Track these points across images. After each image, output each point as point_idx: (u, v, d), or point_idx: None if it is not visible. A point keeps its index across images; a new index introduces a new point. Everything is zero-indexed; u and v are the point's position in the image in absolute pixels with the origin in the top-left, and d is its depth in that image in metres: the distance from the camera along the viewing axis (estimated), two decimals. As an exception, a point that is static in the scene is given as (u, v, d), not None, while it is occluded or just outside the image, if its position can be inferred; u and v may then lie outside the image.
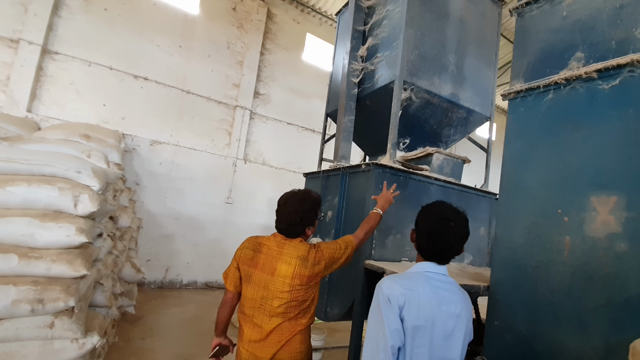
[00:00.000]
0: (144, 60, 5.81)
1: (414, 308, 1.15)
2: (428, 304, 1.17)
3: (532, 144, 2.26)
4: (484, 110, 3.45)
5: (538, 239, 2.10)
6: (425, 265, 1.29)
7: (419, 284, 1.21)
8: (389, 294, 1.16)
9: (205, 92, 6.32)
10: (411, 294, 1.16)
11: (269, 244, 1.69)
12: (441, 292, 1.22)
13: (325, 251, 1.72)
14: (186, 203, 6.04)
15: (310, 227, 1.77)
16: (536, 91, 2.27)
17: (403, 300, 1.15)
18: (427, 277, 1.24)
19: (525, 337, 2.06)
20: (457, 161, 3.18)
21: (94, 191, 2.57)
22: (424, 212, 1.34)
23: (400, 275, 1.28)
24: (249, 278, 1.64)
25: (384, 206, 2.07)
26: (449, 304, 1.22)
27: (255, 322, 1.62)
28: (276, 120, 7.10)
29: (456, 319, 1.22)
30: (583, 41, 2.10)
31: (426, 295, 1.18)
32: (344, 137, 3.31)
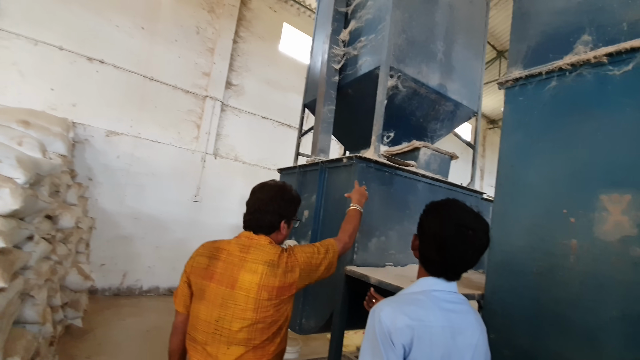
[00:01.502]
0: (100, 41, 5.20)
1: (426, 346, 0.86)
2: (442, 337, 0.89)
3: (532, 136, 2.04)
4: (472, 104, 3.25)
5: (540, 242, 1.88)
6: (432, 282, 1.00)
7: (430, 310, 0.92)
8: (390, 328, 0.86)
9: (171, 80, 5.78)
10: (421, 327, 0.87)
11: (229, 248, 1.32)
12: (454, 317, 0.94)
13: (299, 255, 1.39)
14: (148, 201, 5.48)
15: (286, 223, 1.44)
16: (537, 78, 2.06)
17: (410, 337, 0.86)
18: (436, 298, 0.96)
19: (525, 352, 1.83)
20: (444, 157, 2.94)
21: (17, 185, 2.08)
22: (433, 215, 1.04)
23: (402, 298, 0.98)
24: (202, 293, 1.26)
25: (361, 201, 1.88)
26: (465, 332, 0.95)
27: (208, 351, 1.23)
28: (250, 114, 6.66)
29: (474, 351, 0.95)
30: (590, 23, 1.90)
31: (439, 325, 0.90)
32: (323, 129, 2.99)
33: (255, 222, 1.37)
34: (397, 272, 2.43)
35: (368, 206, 2.39)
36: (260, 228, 1.37)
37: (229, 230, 6.10)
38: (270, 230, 1.39)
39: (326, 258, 1.47)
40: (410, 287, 1.03)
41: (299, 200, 1.56)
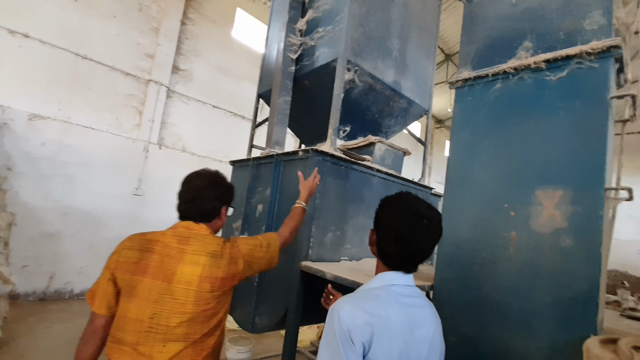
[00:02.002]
0: (25, 12, 4.49)
1: (385, 342, 0.85)
2: (401, 331, 0.88)
3: (479, 134, 2.15)
4: (423, 102, 3.36)
5: (485, 235, 2.00)
6: (390, 277, 1.00)
7: (389, 305, 0.91)
8: (349, 327, 0.84)
9: (109, 60, 5.19)
10: (380, 323, 0.86)
11: (164, 240, 1.21)
12: (412, 312, 0.95)
13: (243, 247, 1.35)
14: (79, 194, 4.90)
15: (226, 209, 1.41)
16: (484, 80, 2.17)
17: (370, 334, 0.84)
18: (395, 293, 0.95)
19: (470, 338, 1.94)
20: (398, 153, 3.01)
21: None
22: (389, 208, 1.03)
23: (361, 294, 0.96)
24: (133, 290, 1.14)
25: (307, 198, 1.91)
26: (422, 326, 0.96)
27: (140, 351, 1.11)
28: (200, 102, 6.25)
29: (430, 343, 0.97)
30: (532, 30, 2.04)
31: (398, 320, 0.89)
32: (278, 120, 2.88)
33: (196, 210, 1.30)
34: (352, 266, 2.44)
35: (324, 201, 2.36)
36: (203, 216, 1.31)
37: (176, 226, 5.71)
38: (212, 217, 1.34)
39: (268, 252, 1.45)
40: (368, 283, 1.02)
41: (233, 187, 1.52)
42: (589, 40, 1.79)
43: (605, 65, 1.70)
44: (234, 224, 3.11)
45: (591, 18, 1.81)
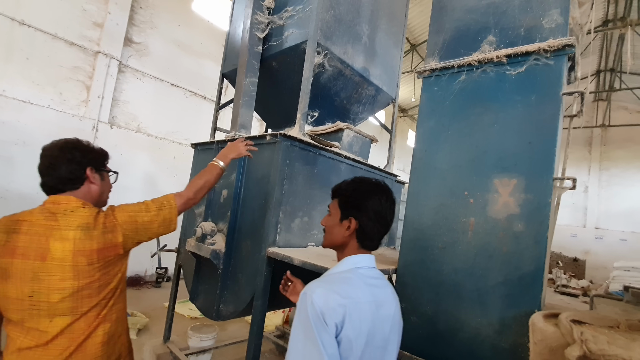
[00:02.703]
0: None
1: (356, 321, 0.90)
2: (369, 311, 0.95)
3: (443, 124, 2.23)
4: (391, 90, 3.41)
5: (445, 220, 2.10)
6: (357, 260, 1.07)
7: (358, 287, 0.97)
8: (323, 309, 0.87)
9: (50, 27, 4.61)
10: (351, 304, 0.91)
11: (31, 219, 1.16)
12: (377, 292, 1.02)
13: (119, 214, 1.27)
14: (17, 176, 4.40)
15: (96, 172, 1.31)
16: (450, 71, 2.23)
17: (342, 315, 0.89)
18: (362, 275, 1.03)
19: (430, 317, 2.06)
20: (365, 140, 3.04)
21: None
22: (362, 193, 1.07)
23: (332, 278, 1.00)
24: (6, 272, 1.11)
25: (228, 156, 1.73)
26: (385, 305, 1.03)
27: (28, 327, 1.13)
28: (156, 79, 5.81)
29: (392, 321, 1.05)
30: (495, 24, 2.11)
31: (366, 301, 0.95)
32: (244, 103, 2.77)
33: (52, 179, 1.22)
34: (319, 252, 2.45)
35: (291, 186, 2.33)
36: (63, 184, 1.23)
37: (131, 211, 5.37)
38: (75, 183, 1.25)
39: (159, 215, 1.36)
40: (336, 267, 1.07)
41: (104, 151, 1.41)
42: (546, 37, 1.90)
43: (559, 62, 1.82)
44: (196, 210, 2.99)
45: (550, 17, 1.92)
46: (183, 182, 6.13)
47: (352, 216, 1.07)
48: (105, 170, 1.37)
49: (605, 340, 1.41)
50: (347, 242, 1.09)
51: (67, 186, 1.23)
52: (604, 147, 12.81)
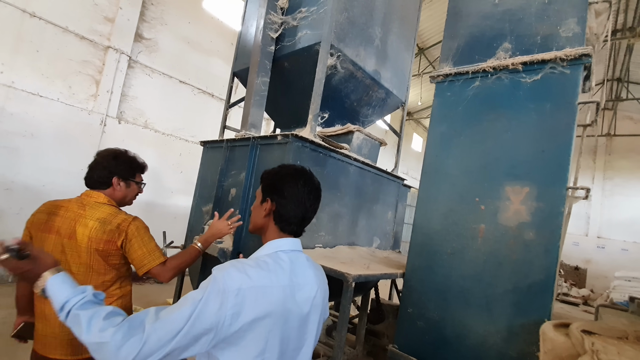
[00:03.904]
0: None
1: (262, 305, 0.88)
2: (282, 295, 0.94)
3: (455, 130, 2.22)
4: (400, 94, 3.41)
5: (455, 226, 2.09)
6: (280, 243, 1.06)
7: (272, 272, 0.95)
8: (226, 287, 0.84)
9: (61, 20, 4.62)
10: (260, 288, 0.89)
11: (68, 205, 1.46)
12: (294, 276, 1.01)
13: (133, 228, 1.46)
14: (24, 168, 4.42)
15: (122, 181, 1.56)
16: (464, 77, 2.22)
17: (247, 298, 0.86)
18: (280, 259, 1.02)
19: (436, 323, 2.05)
20: (375, 143, 3.05)
21: None
22: (281, 176, 1.09)
23: (250, 261, 0.96)
24: (42, 244, 1.41)
25: (209, 240, 1.67)
26: (304, 288, 1.02)
27: None
28: (165, 75, 5.82)
29: (312, 302, 1.04)
30: (511, 31, 2.11)
31: (280, 285, 0.95)
32: (255, 102, 2.77)
33: (88, 178, 1.52)
34: (326, 254, 2.46)
35: (302, 187, 2.33)
36: (93, 183, 1.52)
37: (137, 207, 5.36)
38: (102, 185, 1.52)
39: (144, 259, 1.47)
40: (259, 250, 1.06)
41: (138, 164, 1.65)
42: (563, 46, 1.90)
43: (575, 72, 1.82)
44: (204, 208, 2.99)
45: (567, 25, 1.92)
46: (188, 179, 6.14)
47: (269, 198, 1.08)
48: (132, 181, 1.60)
49: (615, 352, 1.41)
50: (266, 224, 1.09)
51: (98, 186, 1.52)
52: (608, 156, 12.77)
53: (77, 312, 0.81)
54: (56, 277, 0.89)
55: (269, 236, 1.08)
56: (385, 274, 2.07)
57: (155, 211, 5.75)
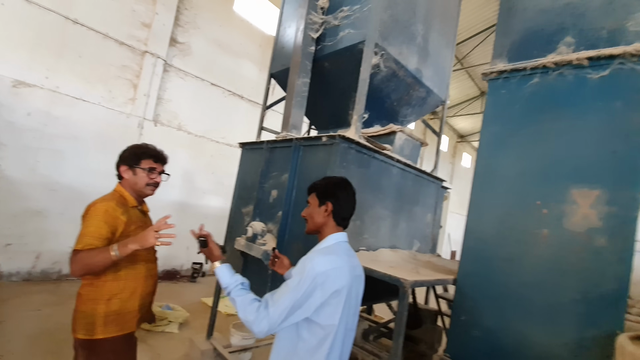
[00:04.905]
0: (3, -37, 4.05)
1: (341, 280, 1.25)
2: (349, 273, 1.29)
3: (511, 129, 2.12)
4: (441, 92, 3.31)
5: (511, 231, 1.99)
6: (338, 236, 1.40)
7: (341, 256, 1.31)
8: (318, 272, 1.20)
9: (102, 27, 4.80)
10: (337, 269, 1.25)
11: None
12: (352, 260, 1.38)
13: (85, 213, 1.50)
14: (68, 170, 4.61)
15: (130, 169, 1.65)
16: (521, 73, 2.11)
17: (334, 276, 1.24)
18: (343, 247, 1.39)
19: (493, 332, 1.96)
20: (416, 143, 2.97)
21: None
22: (334, 184, 1.45)
23: (324, 251, 1.33)
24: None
25: (128, 246, 1.38)
26: (357, 268, 1.39)
27: None
28: (197, 78, 5.93)
29: (361, 280, 1.45)
30: (573, 25, 1.98)
31: (347, 266, 1.30)
32: (296, 103, 2.76)
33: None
34: (371, 257, 2.41)
35: (347, 189, 2.29)
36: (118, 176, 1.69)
37: (170, 207, 5.51)
38: (118, 176, 1.68)
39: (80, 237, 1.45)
40: (323, 242, 1.38)
41: (143, 151, 1.70)
42: (632, 41, 1.76)
43: (651, 67, 1.68)
44: (244, 209, 3.01)
45: (635, 20, 1.78)
46: (219, 180, 6.24)
47: (328, 201, 1.39)
48: (137, 167, 1.65)
49: None
50: (326, 222, 1.40)
51: (118, 178, 1.68)
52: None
53: (233, 297, 1.27)
54: (221, 267, 1.38)
55: (327, 231, 1.41)
56: (438, 279, 2.00)
57: (188, 211, 5.87)
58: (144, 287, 1.65)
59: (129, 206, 1.63)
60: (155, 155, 1.72)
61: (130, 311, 1.57)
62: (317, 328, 1.24)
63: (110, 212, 1.48)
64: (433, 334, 3.62)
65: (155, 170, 1.71)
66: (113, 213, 1.49)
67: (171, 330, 3.62)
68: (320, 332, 1.24)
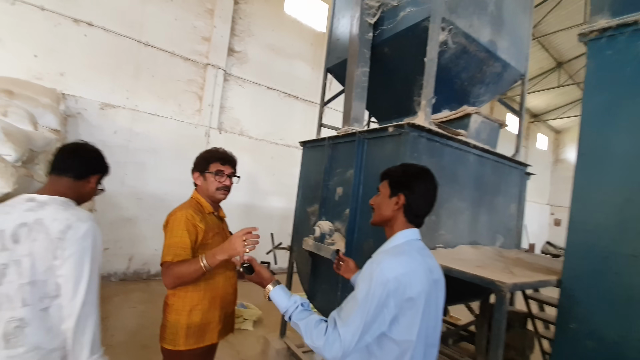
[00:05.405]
0: (85, 0, 4.60)
1: (416, 286, 1.05)
2: (425, 276, 1.09)
3: (623, 96, 1.72)
4: (519, 65, 2.91)
5: (637, 222, 1.62)
6: (408, 233, 1.18)
7: (414, 257, 1.11)
8: (389, 277, 1.03)
9: (168, 46, 5.22)
10: (411, 273, 1.06)
11: None
12: (428, 260, 1.15)
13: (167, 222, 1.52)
14: (149, 180, 5.11)
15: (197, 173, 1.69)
16: (631, 28, 1.71)
17: (404, 282, 1.04)
18: (417, 247, 1.17)
19: (613, 344, 1.61)
20: (494, 125, 2.63)
21: (7, 162, 1.72)
22: (412, 173, 1.21)
23: (393, 252, 1.13)
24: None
25: (216, 257, 1.36)
26: (434, 270, 1.16)
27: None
28: (254, 84, 6.15)
29: (440, 284, 1.19)
30: None
31: (422, 268, 1.10)
32: (356, 95, 2.62)
33: None
34: (451, 255, 2.18)
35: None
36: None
37: (237, 209, 5.80)
38: (195, 183, 1.70)
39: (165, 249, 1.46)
40: (391, 241, 1.18)
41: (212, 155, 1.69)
42: None
43: None
44: (309, 208, 2.97)
45: None
46: (280, 181, 6.39)
47: (401, 193, 1.17)
48: (207, 172, 1.64)
49: None
50: (395, 216, 1.19)
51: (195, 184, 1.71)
52: None
53: (295, 322, 1.11)
54: (276, 290, 1.20)
55: (396, 227, 1.19)
56: (540, 281, 1.71)
57: (253, 212, 6.12)
58: (223, 296, 1.61)
59: (206, 213, 1.62)
60: (222, 158, 1.67)
61: (210, 322, 1.55)
62: (391, 344, 1.04)
63: (190, 219, 1.48)
64: (523, 338, 3.21)
65: (223, 172, 1.65)
66: (192, 221, 1.48)
67: (246, 328, 3.77)
68: (394, 349, 1.04)
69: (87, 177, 1.31)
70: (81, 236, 1.13)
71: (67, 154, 1.30)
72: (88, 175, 1.32)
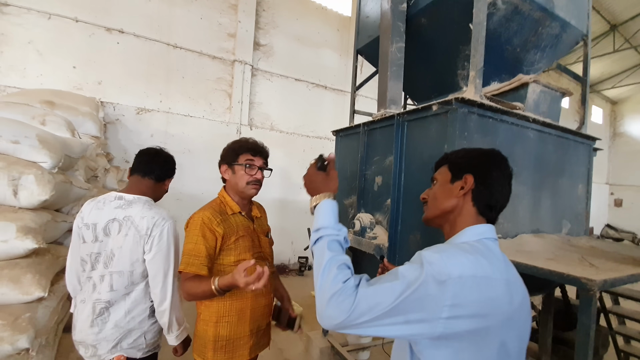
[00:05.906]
0: (115, 8, 4.71)
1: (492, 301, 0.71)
2: (507, 292, 0.74)
3: None
4: (580, 23, 2.51)
5: None
6: (482, 229, 0.85)
7: (492, 262, 0.76)
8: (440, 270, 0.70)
9: (196, 46, 5.24)
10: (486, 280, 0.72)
11: None
12: (509, 269, 0.79)
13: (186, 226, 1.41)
14: (187, 180, 5.20)
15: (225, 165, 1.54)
16: None
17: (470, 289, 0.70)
18: (493, 247, 0.82)
19: None
20: (556, 94, 2.30)
21: (44, 169, 1.72)
22: (481, 154, 0.91)
23: (458, 247, 0.79)
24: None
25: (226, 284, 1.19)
26: (516, 285, 0.78)
27: None
28: (282, 77, 6.04)
29: (527, 305, 0.80)
30: None
31: (502, 278, 0.75)
32: (392, 74, 2.40)
33: None
34: (512, 246, 1.91)
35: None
36: None
37: (272, 205, 5.76)
38: (223, 178, 1.57)
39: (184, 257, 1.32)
40: (459, 236, 0.85)
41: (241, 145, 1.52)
42: None
43: None
44: (346, 201, 2.80)
45: None
46: (314, 174, 6.28)
47: (467, 174, 0.88)
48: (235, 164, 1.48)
49: None
50: (459, 206, 0.88)
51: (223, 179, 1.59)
52: None
53: (323, 247, 0.85)
54: (329, 203, 0.94)
55: (462, 221, 0.88)
56: (632, 275, 1.42)
57: (288, 207, 6.06)
58: (254, 309, 1.44)
59: (229, 214, 1.44)
60: (252, 149, 1.49)
61: (240, 337, 1.41)
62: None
63: (206, 223, 1.34)
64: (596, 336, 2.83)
65: (254, 164, 1.47)
66: (209, 224, 1.34)
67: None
68: None
69: (164, 179, 1.57)
70: (166, 232, 1.39)
71: (150, 158, 1.51)
72: (165, 178, 1.58)
